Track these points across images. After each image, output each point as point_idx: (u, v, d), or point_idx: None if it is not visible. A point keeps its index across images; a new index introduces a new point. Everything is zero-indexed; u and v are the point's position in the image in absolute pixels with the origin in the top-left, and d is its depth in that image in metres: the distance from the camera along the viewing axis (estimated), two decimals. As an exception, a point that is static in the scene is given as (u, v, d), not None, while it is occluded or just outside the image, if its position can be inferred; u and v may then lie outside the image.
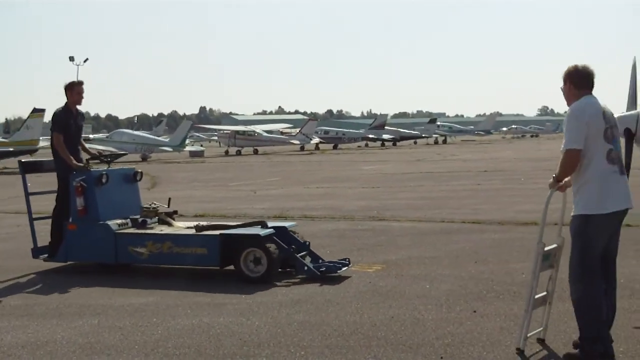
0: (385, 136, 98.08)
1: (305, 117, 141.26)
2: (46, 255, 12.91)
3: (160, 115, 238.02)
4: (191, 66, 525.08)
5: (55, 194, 13.01)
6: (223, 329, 8.82)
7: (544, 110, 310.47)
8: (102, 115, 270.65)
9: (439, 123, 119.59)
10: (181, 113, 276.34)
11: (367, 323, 8.86)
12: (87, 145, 13.58)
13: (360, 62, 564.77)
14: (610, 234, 7.39)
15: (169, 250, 11.86)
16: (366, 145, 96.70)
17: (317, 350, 7.90)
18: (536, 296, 7.64)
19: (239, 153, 76.60)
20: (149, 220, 12.65)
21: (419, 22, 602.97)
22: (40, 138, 54.00)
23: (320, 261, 11.94)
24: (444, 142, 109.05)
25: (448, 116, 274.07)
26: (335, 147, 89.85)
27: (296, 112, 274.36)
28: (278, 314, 9.42)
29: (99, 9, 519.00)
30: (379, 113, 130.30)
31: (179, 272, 12.20)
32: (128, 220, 12.60)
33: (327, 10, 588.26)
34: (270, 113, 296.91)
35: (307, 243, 12.32)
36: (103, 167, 13.06)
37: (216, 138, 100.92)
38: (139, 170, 13.62)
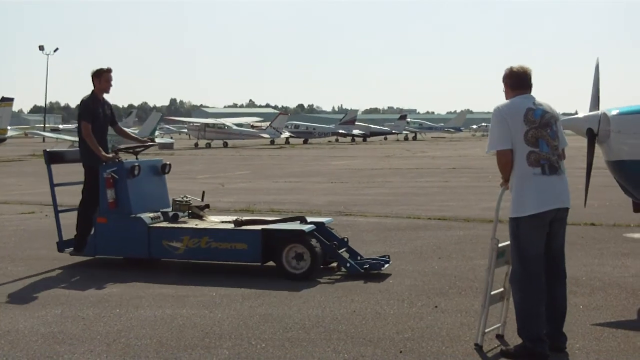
0: (355, 132, 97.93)
1: (276, 111, 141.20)
2: (72, 249, 12.50)
3: (131, 106, 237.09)
4: (162, 58, 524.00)
5: (82, 186, 12.54)
6: (185, 320, 8.85)
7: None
8: (72, 105, 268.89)
9: (409, 119, 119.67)
10: (151, 105, 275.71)
11: (328, 316, 8.94)
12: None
13: (333, 57, 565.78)
14: (548, 233, 7.46)
15: (207, 246, 11.53)
16: (336, 140, 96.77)
17: (278, 342, 7.95)
18: (493, 292, 7.75)
19: (208, 146, 76.48)
20: (180, 214, 12.33)
21: (393, 18, 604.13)
22: (9, 127, 53.59)
23: (359, 257, 11.75)
24: (414, 138, 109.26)
25: (419, 113, 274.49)
26: (305, 142, 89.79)
27: (267, 105, 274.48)
28: (241, 307, 9.47)
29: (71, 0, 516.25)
30: (350, 108, 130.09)
31: (145, 263, 12.17)
32: (159, 213, 12.31)
33: (301, 4, 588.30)
34: (241, 106, 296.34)
35: (346, 239, 12.10)
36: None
37: (186, 130, 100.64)
38: (168, 163, 13.26)
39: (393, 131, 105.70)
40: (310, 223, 11.67)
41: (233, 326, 8.58)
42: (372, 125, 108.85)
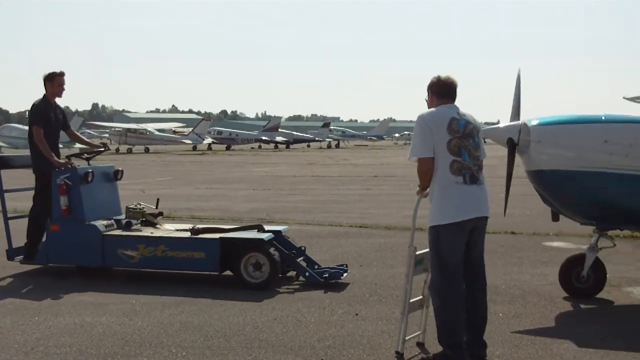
0: (278, 138, 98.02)
1: (199, 117, 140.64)
2: (22, 257, 12.12)
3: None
4: (84, 61, 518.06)
5: (33, 192, 12.22)
6: (105, 328, 8.77)
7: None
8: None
9: (332, 127, 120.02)
10: (73, 109, 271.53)
11: (249, 324, 8.94)
12: None
13: (257, 63, 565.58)
14: (467, 242, 7.54)
15: (163, 254, 11.27)
16: (259, 147, 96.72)
17: (199, 351, 7.93)
18: (412, 300, 7.81)
19: (130, 151, 75.95)
20: (133, 222, 12.09)
21: (315, 24, 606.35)
22: None
23: (316, 266, 11.65)
24: (337, 146, 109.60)
25: (342, 120, 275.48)
26: (228, 148, 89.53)
27: (190, 111, 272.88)
28: (161, 315, 9.42)
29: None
30: (273, 115, 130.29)
31: (65, 270, 11.98)
32: (112, 221, 11.99)
33: (224, 8, 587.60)
34: (164, 111, 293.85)
35: (303, 248, 11.97)
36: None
37: (107, 135, 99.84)
38: (120, 169, 12.97)
39: (316, 139, 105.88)
40: (268, 231, 11.54)
41: (153, 334, 8.53)
42: (295, 133, 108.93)
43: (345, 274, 11.38)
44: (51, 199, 11.73)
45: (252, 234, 11.48)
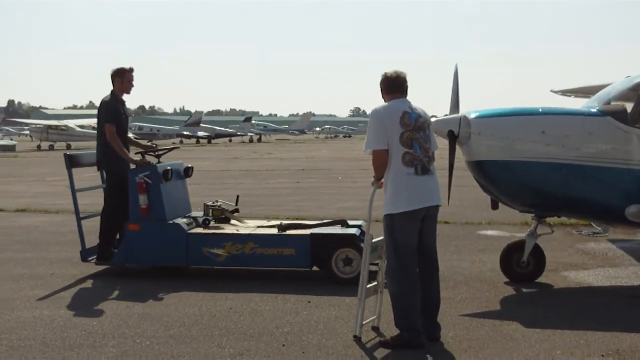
0: (200, 133, 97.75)
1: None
2: (94, 257, 11.81)
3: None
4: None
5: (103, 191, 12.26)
6: (66, 320, 8.91)
7: (356, 112, 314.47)
8: None
9: (254, 121, 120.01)
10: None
11: (206, 314, 9.16)
12: None
13: (172, 57, 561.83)
14: (420, 230, 7.92)
15: (252, 252, 11.08)
16: (180, 142, 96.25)
17: (162, 340, 8.12)
18: (367, 286, 8.13)
19: (51, 148, 75.11)
20: (209, 219, 11.93)
21: (231, 18, 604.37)
22: None
23: None
24: (259, 140, 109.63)
25: (262, 115, 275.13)
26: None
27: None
28: (118, 307, 9.58)
29: None
30: (194, 110, 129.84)
31: (10, 263, 12.03)
32: (191, 219, 11.87)
33: (134, 3, 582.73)
34: (82, 107, 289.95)
35: None
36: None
37: (27, 132, 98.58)
38: (190, 166, 12.77)
39: (238, 133, 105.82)
40: (353, 226, 11.50)
41: (114, 325, 8.69)
42: (217, 127, 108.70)
43: None
44: (128, 197, 11.51)
45: (342, 230, 11.42)
